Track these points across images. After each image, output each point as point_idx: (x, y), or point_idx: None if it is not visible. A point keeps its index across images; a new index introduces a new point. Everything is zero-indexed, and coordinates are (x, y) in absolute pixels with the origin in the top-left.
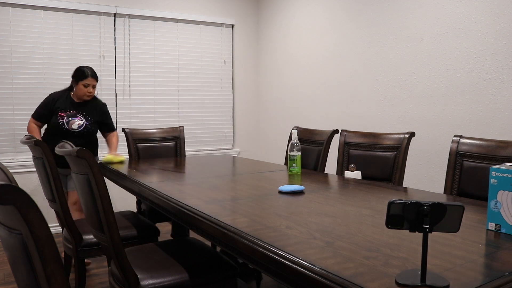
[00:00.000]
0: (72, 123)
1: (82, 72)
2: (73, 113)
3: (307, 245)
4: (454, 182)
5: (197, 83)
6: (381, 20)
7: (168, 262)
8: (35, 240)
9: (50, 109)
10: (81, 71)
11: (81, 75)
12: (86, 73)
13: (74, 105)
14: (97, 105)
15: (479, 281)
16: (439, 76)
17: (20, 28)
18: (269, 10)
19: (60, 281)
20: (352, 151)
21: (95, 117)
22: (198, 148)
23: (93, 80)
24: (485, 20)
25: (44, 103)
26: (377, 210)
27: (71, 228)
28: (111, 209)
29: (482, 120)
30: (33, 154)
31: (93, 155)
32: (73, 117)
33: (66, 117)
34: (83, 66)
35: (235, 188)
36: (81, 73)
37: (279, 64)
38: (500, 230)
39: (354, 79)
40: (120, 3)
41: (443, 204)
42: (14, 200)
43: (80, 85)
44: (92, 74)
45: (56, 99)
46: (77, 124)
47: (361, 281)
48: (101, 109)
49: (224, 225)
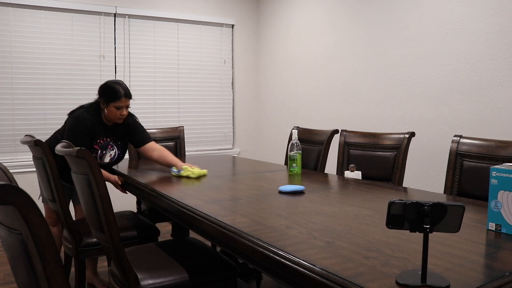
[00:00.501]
0: (104, 157)
1: (114, 92)
2: (106, 141)
3: (307, 245)
4: (454, 182)
5: (197, 83)
6: (381, 20)
7: (168, 262)
8: (35, 240)
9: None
10: (112, 90)
11: (113, 95)
12: (119, 93)
13: (105, 130)
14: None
15: (479, 281)
16: (439, 76)
17: (20, 28)
18: (269, 10)
19: (60, 281)
20: (352, 151)
21: (126, 140)
22: (198, 148)
23: (127, 100)
24: (485, 20)
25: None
26: (377, 210)
27: (71, 228)
28: (111, 209)
29: (482, 120)
30: (33, 154)
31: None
32: (105, 149)
33: (100, 150)
34: (113, 82)
35: (235, 188)
36: (113, 92)
37: (279, 64)
38: (501, 230)
39: (354, 79)
40: (120, 3)
41: (443, 204)
42: (14, 200)
43: (111, 108)
44: (126, 94)
45: (92, 126)
46: (109, 157)
47: (361, 281)
48: (134, 127)
49: (224, 225)
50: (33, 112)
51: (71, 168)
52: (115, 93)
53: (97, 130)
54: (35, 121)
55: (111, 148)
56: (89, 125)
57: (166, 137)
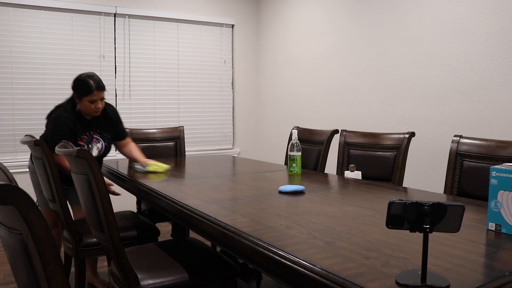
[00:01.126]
0: (91, 151)
1: (86, 86)
2: (90, 135)
3: (307, 245)
4: (454, 182)
5: (197, 83)
6: (381, 20)
7: (168, 262)
8: (35, 240)
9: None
10: (84, 84)
11: (84, 89)
12: (91, 87)
13: (86, 125)
14: (109, 113)
15: (479, 281)
16: (439, 76)
17: (20, 28)
18: (269, 10)
19: (60, 281)
20: (352, 151)
21: (112, 131)
22: (198, 148)
23: (100, 93)
24: (485, 20)
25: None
26: (377, 210)
27: (71, 228)
28: (111, 209)
29: (482, 120)
30: (33, 154)
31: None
32: (90, 143)
33: (86, 146)
34: (85, 76)
35: (235, 188)
36: (85, 86)
37: (279, 64)
38: (501, 230)
39: (354, 79)
40: (120, 3)
41: (443, 204)
42: (14, 200)
43: (85, 102)
44: (98, 87)
45: (71, 123)
46: (96, 150)
47: (361, 281)
48: (115, 117)
49: (224, 225)
50: (33, 112)
51: (71, 168)
52: (87, 87)
53: (79, 126)
54: (35, 121)
55: (97, 141)
56: (70, 123)
57: (166, 137)
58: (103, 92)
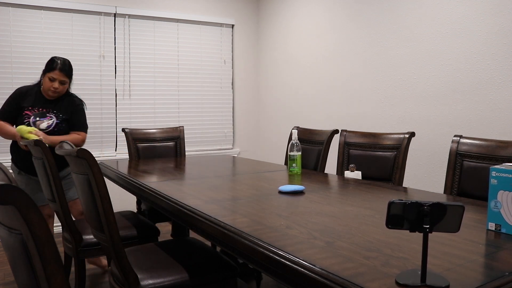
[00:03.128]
0: (39, 123)
1: (51, 62)
2: (42, 111)
3: (307, 245)
4: (454, 182)
5: (197, 83)
6: (381, 20)
7: (168, 262)
8: (35, 240)
9: (16, 107)
10: (50, 61)
11: (49, 65)
12: (54, 64)
13: (43, 102)
14: (73, 101)
15: (479, 281)
16: (439, 76)
17: (20, 28)
18: (269, 10)
19: (60, 281)
20: (352, 151)
21: (68, 114)
22: (198, 148)
23: (61, 74)
24: (485, 20)
25: (9, 99)
26: (377, 210)
27: (71, 228)
28: (111, 209)
29: (482, 120)
30: (33, 154)
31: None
32: (41, 117)
33: (33, 117)
34: (57, 57)
35: (235, 188)
36: (50, 63)
37: (279, 64)
38: (500, 230)
39: (354, 79)
40: (120, 3)
41: (443, 204)
42: (14, 200)
43: (46, 78)
44: (61, 68)
45: (23, 94)
46: (46, 124)
47: (361, 281)
48: (74, 107)
49: (224, 225)
50: None
51: (71, 168)
52: (51, 63)
53: (34, 99)
54: None
55: (50, 118)
56: (22, 92)
57: (166, 137)
58: (64, 76)
